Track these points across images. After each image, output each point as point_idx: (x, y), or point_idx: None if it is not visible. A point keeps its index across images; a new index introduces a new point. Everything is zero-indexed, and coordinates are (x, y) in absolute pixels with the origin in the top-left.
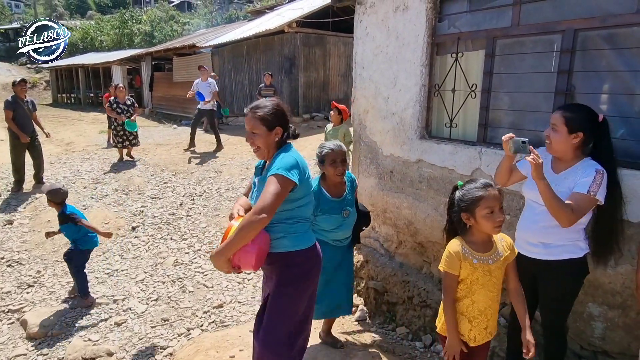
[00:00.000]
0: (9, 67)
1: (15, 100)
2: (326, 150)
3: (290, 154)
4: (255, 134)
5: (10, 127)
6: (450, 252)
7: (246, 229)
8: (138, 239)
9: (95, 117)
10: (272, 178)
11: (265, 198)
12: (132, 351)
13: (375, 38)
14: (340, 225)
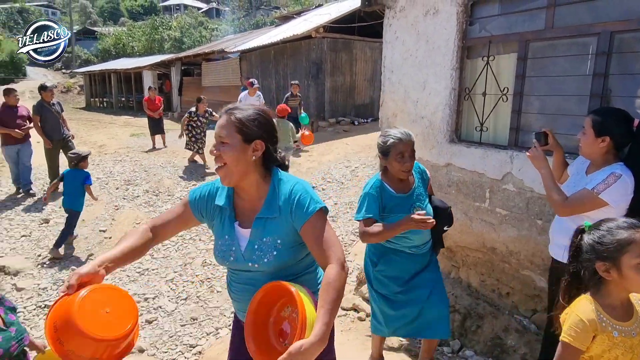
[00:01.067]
0: (45, 72)
1: (41, 105)
2: (392, 140)
3: (296, 179)
4: (224, 144)
5: (37, 132)
6: (581, 319)
7: (342, 292)
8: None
9: (127, 120)
10: (319, 215)
11: (338, 244)
12: (162, 348)
13: (404, 42)
14: None
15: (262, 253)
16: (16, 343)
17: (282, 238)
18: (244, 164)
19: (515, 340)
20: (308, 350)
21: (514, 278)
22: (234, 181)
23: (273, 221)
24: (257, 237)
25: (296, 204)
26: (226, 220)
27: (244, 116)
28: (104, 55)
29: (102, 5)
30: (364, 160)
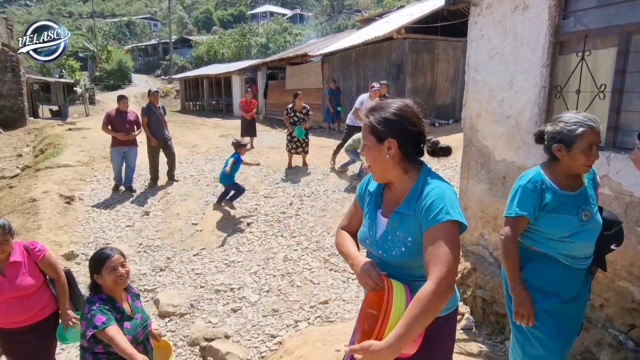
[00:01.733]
0: (146, 79)
1: (149, 107)
2: (582, 129)
3: (441, 184)
4: (365, 146)
5: (144, 131)
6: None
7: (430, 312)
8: (252, 234)
9: (217, 122)
10: (446, 227)
11: (448, 263)
12: (245, 336)
13: (490, 39)
14: (578, 232)
15: (392, 245)
16: (142, 329)
17: (412, 236)
18: (380, 163)
19: (609, 356)
20: (375, 353)
21: (609, 289)
22: (379, 179)
23: (409, 218)
24: (392, 229)
25: (427, 207)
26: (372, 206)
27: (375, 118)
28: (198, 61)
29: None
30: (445, 162)
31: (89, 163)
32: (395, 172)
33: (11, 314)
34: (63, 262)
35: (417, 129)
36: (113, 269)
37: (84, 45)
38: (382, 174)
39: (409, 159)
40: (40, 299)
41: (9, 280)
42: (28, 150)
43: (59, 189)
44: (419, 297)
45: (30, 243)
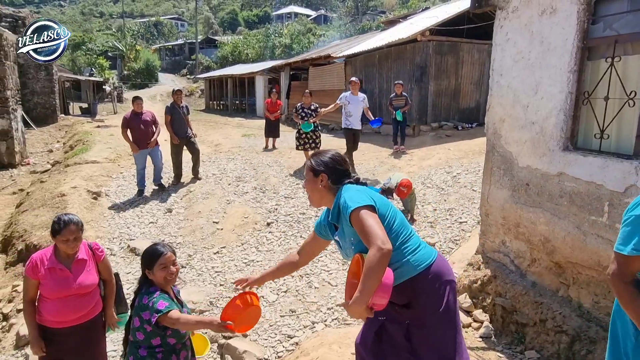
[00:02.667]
0: (172, 78)
1: (173, 106)
2: None
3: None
4: (305, 180)
5: (167, 129)
6: None
7: (377, 268)
8: (272, 234)
9: (239, 122)
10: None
11: (371, 231)
12: (263, 335)
13: (516, 44)
14: None
15: (348, 250)
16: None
17: (353, 236)
18: (317, 191)
19: None
20: (349, 307)
21: None
22: (316, 204)
23: (341, 225)
24: (342, 239)
25: (340, 209)
26: (331, 231)
27: (314, 160)
28: (223, 61)
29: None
30: (467, 167)
31: (115, 160)
32: (328, 197)
33: (64, 311)
34: None
35: (343, 168)
36: (165, 267)
37: (113, 45)
38: (319, 200)
39: (337, 188)
40: (92, 299)
41: (74, 276)
42: (58, 146)
43: (87, 185)
44: (366, 261)
45: (94, 243)
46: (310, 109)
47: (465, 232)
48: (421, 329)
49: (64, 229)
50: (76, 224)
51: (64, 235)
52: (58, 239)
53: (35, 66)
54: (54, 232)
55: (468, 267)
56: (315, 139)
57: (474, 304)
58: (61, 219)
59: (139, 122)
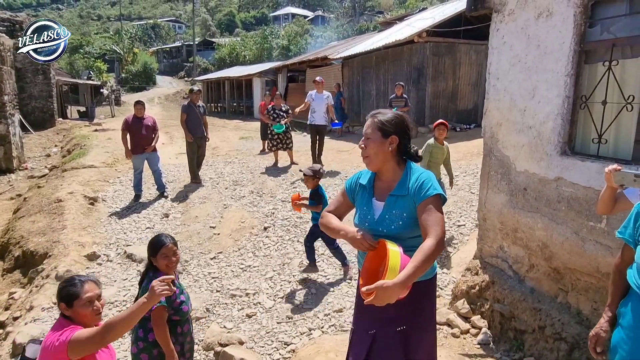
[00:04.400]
0: (170, 80)
1: (189, 105)
2: None
3: (425, 170)
4: (368, 139)
5: (182, 127)
6: None
7: (431, 260)
8: (269, 238)
9: (237, 124)
10: (435, 200)
11: (441, 225)
12: (259, 343)
13: (512, 47)
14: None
15: (390, 222)
16: (191, 304)
17: (407, 212)
18: (382, 154)
19: None
20: (388, 288)
21: None
22: (376, 168)
23: (403, 198)
24: (389, 209)
25: (419, 185)
26: (366, 196)
27: (383, 118)
28: (220, 63)
29: (220, 18)
30: (465, 169)
31: (112, 164)
32: (391, 163)
33: None
34: (85, 262)
35: (410, 134)
36: (166, 256)
37: (111, 48)
38: (382, 163)
39: (402, 155)
40: None
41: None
42: (56, 150)
43: (84, 190)
44: (424, 248)
45: None
46: (281, 110)
47: (463, 236)
48: (419, 331)
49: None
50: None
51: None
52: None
53: (33, 70)
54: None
55: (466, 272)
56: (286, 139)
57: (472, 309)
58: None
59: (140, 127)
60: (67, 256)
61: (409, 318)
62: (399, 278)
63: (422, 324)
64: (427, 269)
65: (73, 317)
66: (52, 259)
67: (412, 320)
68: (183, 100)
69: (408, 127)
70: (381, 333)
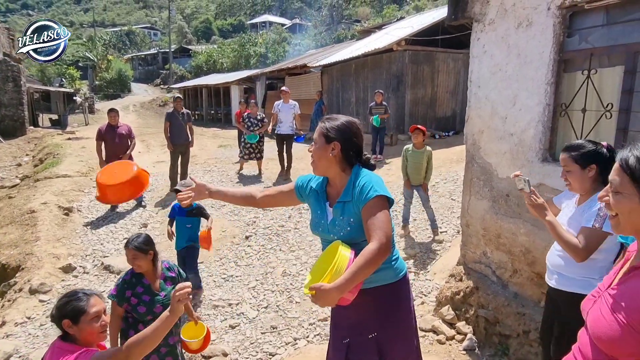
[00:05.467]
0: (145, 88)
1: (173, 113)
2: None
3: (371, 175)
4: (315, 144)
5: (165, 135)
6: None
7: (372, 264)
8: (251, 247)
9: (215, 132)
10: (376, 202)
11: (384, 227)
12: (244, 354)
13: (493, 56)
14: None
15: (340, 228)
16: (161, 306)
17: (354, 218)
18: (325, 160)
19: None
20: (325, 291)
21: None
22: (320, 173)
23: (349, 204)
24: (337, 215)
25: (360, 189)
26: (320, 200)
27: (329, 124)
28: (197, 71)
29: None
30: (445, 175)
31: (87, 173)
32: (335, 169)
33: None
34: (61, 275)
35: (357, 141)
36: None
37: (84, 55)
38: (325, 168)
39: (347, 162)
40: None
41: None
42: (28, 160)
43: (58, 200)
44: (364, 252)
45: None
46: (256, 119)
47: (445, 242)
48: (393, 337)
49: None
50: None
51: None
52: None
53: (3, 78)
54: None
55: (450, 278)
56: (258, 150)
57: (457, 315)
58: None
59: (114, 135)
60: (41, 269)
61: (378, 324)
62: (336, 282)
63: (393, 330)
64: (369, 273)
65: (76, 335)
66: (25, 272)
67: (381, 326)
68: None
69: (355, 134)
70: (355, 341)
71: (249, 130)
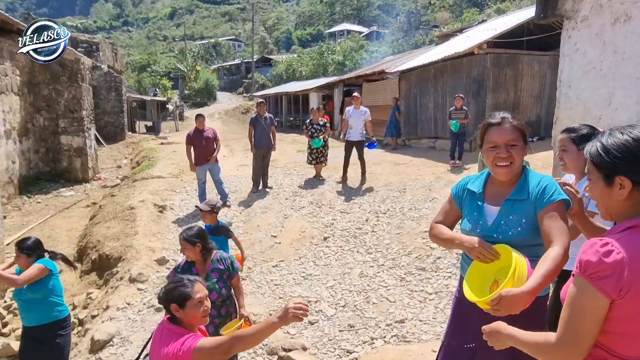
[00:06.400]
0: (229, 96)
1: (256, 118)
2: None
3: (545, 175)
4: (515, 146)
5: (249, 139)
6: None
7: (558, 270)
8: (329, 248)
9: (294, 138)
10: (559, 206)
11: (567, 234)
12: (322, 349)
13: (586, 54)
14: None
15: (507, 227)
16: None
17: (527, 218)
18: (523, 161)
19: None
20: (515, 296)
21: None
22: (512, 176)
23: (521, 203)
24: (505, 214)
25: (542, 190)
26: (476, 201)
27: (522, 123)
28: (277, 79)
29: (278, 35)
30: None
31: (178, 175)
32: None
33: None
34: (156, 266)
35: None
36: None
37: (175, 66)
38: (518, 169)
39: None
40: None
41: None
42: (126, 162)
43: (153, 199)
44: (551, 255)
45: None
46: (319, 124)
47: None
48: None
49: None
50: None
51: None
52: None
53: (107, 88)
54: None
55: None
56: (324, 154)
57: None
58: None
59: (201, 139)
60: (139, 260)
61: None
62: (528, 286)
63: None
64: (554, 277)
65: (182, 319)
66: (125, 262)
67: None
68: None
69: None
70: (485, 347)
71: (313, 137)
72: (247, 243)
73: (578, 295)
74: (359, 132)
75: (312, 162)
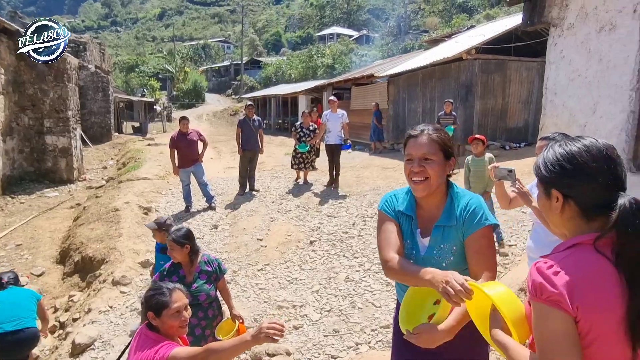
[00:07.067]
0: (218, 98)
1: (244, 120)
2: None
3: (472, 193)
4: (430, 161)
5: (236, 141)
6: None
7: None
8: (315, 252)
9: (282, 140)
10: (487, 231)
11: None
12: (306, 354)
13: (572, 62)
14: None
15: (440, 258)
16: (191, 297)
17: (457, 245)
18: (441, 177)
19: None
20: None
21: None
22: (430, 191)
23: (450, 229)
24: (436, 243)
25: (471, 213)
26: (410, 227)
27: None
28: (266, 82)
29: (267, 38)
30: None
31: (164, 177)
32: (442, 187)
33: None
34: (140, 269)
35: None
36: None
37: (164, 67)
38: (437, 186)
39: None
40: None
41: None
42: (112, 163)
43: (138, 200)
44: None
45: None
46: (309, 129)
47: (515, 256)
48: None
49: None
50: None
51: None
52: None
53: (94, 88)
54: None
55: (520, 292)
56: (310, 159)
57: None
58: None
59: (185, 142)
60: (122, 262)
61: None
62: (447, 325)
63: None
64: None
65: (159, 327)
66: (109, 265)
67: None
68: (230, 118)
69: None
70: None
71: (300, 140)
72: (232, 246)
73: (544, 321)
74: (337, 135)
75: (294, 167)
